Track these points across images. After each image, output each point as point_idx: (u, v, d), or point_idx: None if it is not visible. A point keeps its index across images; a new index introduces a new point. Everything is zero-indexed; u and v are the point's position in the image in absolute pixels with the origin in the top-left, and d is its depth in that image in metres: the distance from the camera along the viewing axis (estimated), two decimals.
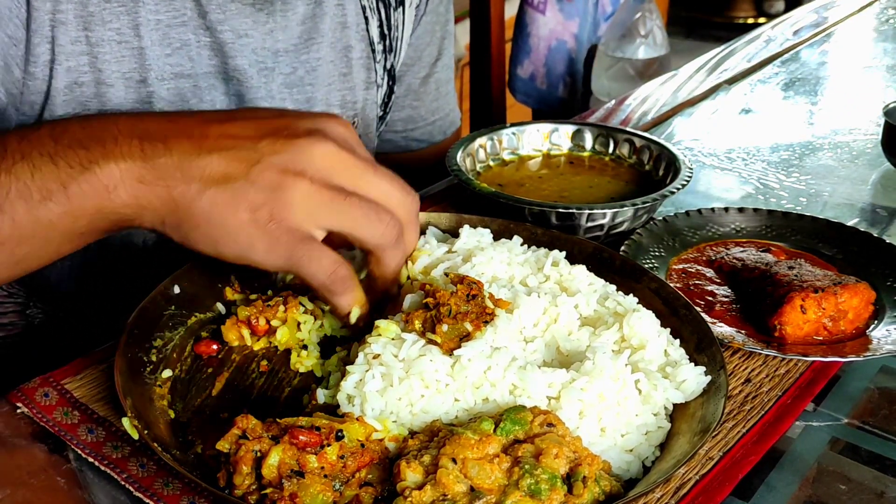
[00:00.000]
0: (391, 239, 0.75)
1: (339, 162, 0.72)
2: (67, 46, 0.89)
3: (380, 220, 0.74)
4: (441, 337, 0.72)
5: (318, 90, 1.11)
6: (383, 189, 0.75)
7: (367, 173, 0.74)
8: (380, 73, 1.21)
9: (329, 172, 0.72)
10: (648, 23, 2.37)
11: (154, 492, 0.65)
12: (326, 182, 0.71)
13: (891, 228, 1.13)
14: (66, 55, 0.90)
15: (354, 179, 0.73)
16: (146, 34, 0.93)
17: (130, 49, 0.93)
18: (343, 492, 0.63)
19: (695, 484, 0.67)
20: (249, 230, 0.70)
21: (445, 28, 1.34)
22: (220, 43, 0.99)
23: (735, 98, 1.63)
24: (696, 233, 1.03)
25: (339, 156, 0.72)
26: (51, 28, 0.88)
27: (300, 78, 1.08)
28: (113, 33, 0.91)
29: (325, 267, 0.73)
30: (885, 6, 2.24)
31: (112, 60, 0.92)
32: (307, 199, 0.70)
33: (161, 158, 0.70)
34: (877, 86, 1.72)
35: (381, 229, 0.74)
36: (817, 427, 0.76)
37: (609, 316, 0.79)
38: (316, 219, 0.71)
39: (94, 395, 0.75)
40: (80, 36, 0.90)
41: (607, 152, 1.18)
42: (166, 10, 0.94)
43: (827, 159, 1.35)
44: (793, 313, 0.84)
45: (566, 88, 2.66)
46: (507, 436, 0.64)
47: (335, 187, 0.72)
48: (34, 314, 1.06)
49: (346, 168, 0.73)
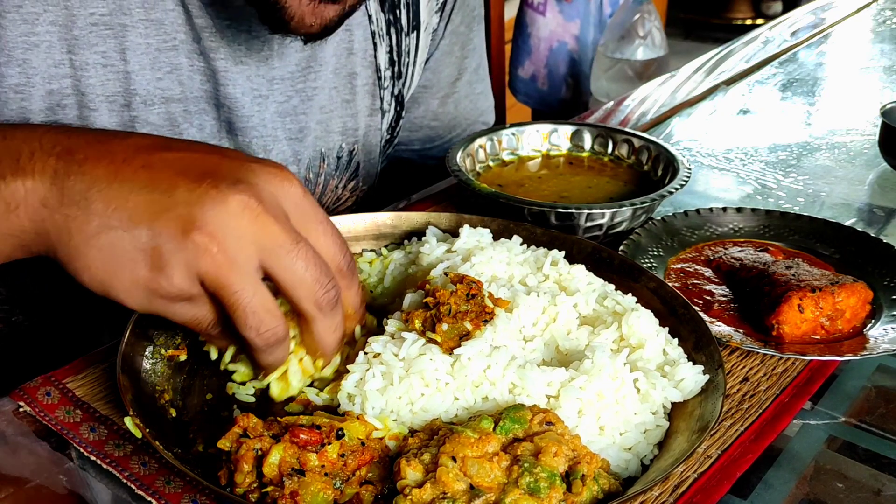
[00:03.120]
0: (281, 335, 0.68)
1: (255, 229, 0.64)
2: (47, 70, 0.87)
3: (261, 321, 0.66)
4: (441, 336, 0.72)
5: (310, 119, 1.09)
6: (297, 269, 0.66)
7: (285, 244, 0.65)
8: (387, 98, 1.19)
9: (241, 241, 0.64)
10: (647, 24, 2.37)
11: (156, 490, 0.66)
12: (235, 248, 0.64)
13: (888, 228, 1.13)
14: (47, 78, 0.87)
15: (274, 247, 0.65)
16: (133, 58, 0.91)
17: (116, 73, 0.91)
18: (344, 490, 0.63)
19: (693, 482, 0.68)
20: (141, 287, 0.64)
21: (466, 47, 1.31)
22: (214, 69, 0.97)
23: (733, 99, 1.63)
24: (694, 232, 1.03)
25: (256, 221, 0.64)
26: (23, 51, 0.85)
27: (293, 107, 1.06)
28: (98, 56, 0.90)
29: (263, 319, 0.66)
30: (882, 7, 2.24)
31: (97, 84, 0.90)
32: (207, 263, 0.63)
33: (71, 180, 0.65)
34: (874, 86, 1.73)
35: (272, 324, 0.67)
36: (815, 425, 0.76)
37: (608, 315, 0.79)
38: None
39: (96, 393, 0.75)
40: (64, 59, 0.88)
41: (606, 153, 1.19)
42: (156, 34, 0.92)
43: (824, 160, 1.36)
44: (790, 312, 0.84)
45: (568, 89, 2.67)
46: (507, 434, 0.65)
47: (243, 260, 0.64)
48: (19, 321, 1.05)
49: (260, 235, 0.64)
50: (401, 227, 0.98)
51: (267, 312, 0.66)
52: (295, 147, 1.09)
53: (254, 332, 0.66)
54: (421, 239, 0.93)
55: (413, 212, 0.99)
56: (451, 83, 1.33)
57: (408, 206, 1.17)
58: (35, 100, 0.88)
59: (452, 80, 1.33)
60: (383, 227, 0.98)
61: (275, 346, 0.68)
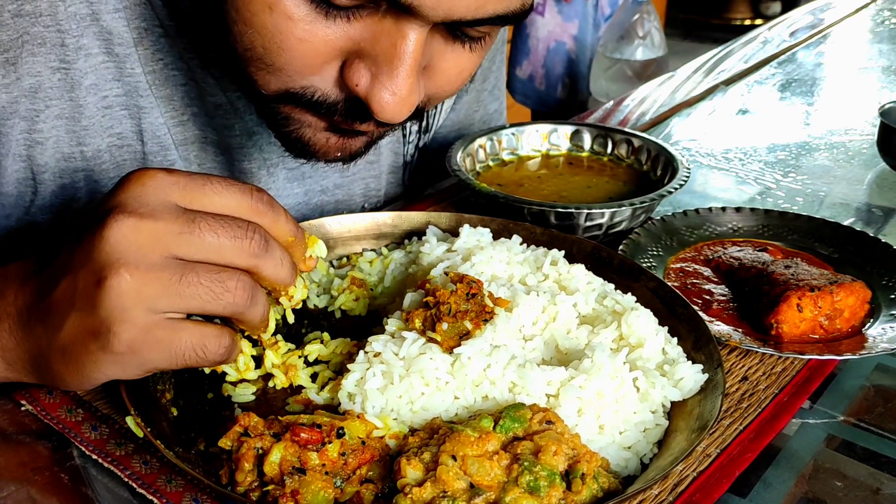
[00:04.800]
0: (244, 302, 0.65)
1: (144, 236, 0.61)
2: (57, 164, 0.86)
3: (225, 288, 0.63)
4: (441, 335, 0.72)
5: (327, 182, 1.07)
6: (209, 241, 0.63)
7: (181, 230, 0.62)
8: (410, 151, 1.18)
9: (142, 251, 0.61)
10: (646, 24, 2.38)
11: (157, 488, 0.66)
12: (148, 263, 0.61)
13: (886, 228, 1.13)
14: (58, 173, 0.87)
15: (174, 238, 0.62)
16: (149, 140, 0.91)
17: (132, 153, 0.90)
18: (344, 489, 0.63)
19: (692, 481, 0.68)
20: (107, 361, 0.63)
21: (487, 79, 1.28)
22: (229, 145, 0.97)
23: (732, 99, 1.63)
24: (693, 232, 1.04)
25: (141, 230, 0.61)
26: (26, 147, 0.85)
27: (303, 172, 1.05)
28: (114, 139, 0.89)
29: (209, 347, 0.65)
30: (880, 8, 2.25)
31: (111, 168, 0.90)
32: (136, 293, 0.60)
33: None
34: (872, 87, 1.73)
35: (229, 299, 0.64)
36: (813, 424, 0.76)
37: (607, 314, 0.80)
38: (156, 307, 0.61)
39: (98, 393, 0.75)
40: (75, 152, 0.87)
41: (605, 153, 1.19)
42: (167, 111, 0.91)
43: (823, 159, 1.36)
44: (789, 312, 0.84)
45: (565, 89, 2.67)
46: (507, 433, 0.65)
47: (160, 265, 0.61)
48: None
49: (153, 238, 0.61)
50: (401, 227, 0.99)
51: (217, 277, 0.63)
52: (302, 211, 1.08)
53: (222, 303, 0.64)
54: (421, 238, 0.94)
55: (413, 211, 0.99)
56: (470, 115, 1.30)
57: (408, 206, 1.17)
58: (47, 195, 0.87)
59: (471, 112, 1.30)
60: (383, 227, 0.98)
61: (247, 300, 0.65)
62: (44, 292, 0.64)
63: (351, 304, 0.89)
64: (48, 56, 0.82)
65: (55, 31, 0.82)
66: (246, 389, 0.77)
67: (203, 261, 0.64)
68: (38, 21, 0.81)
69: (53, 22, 0.81)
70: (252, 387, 0.77)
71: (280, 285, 0.70)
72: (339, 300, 0.89)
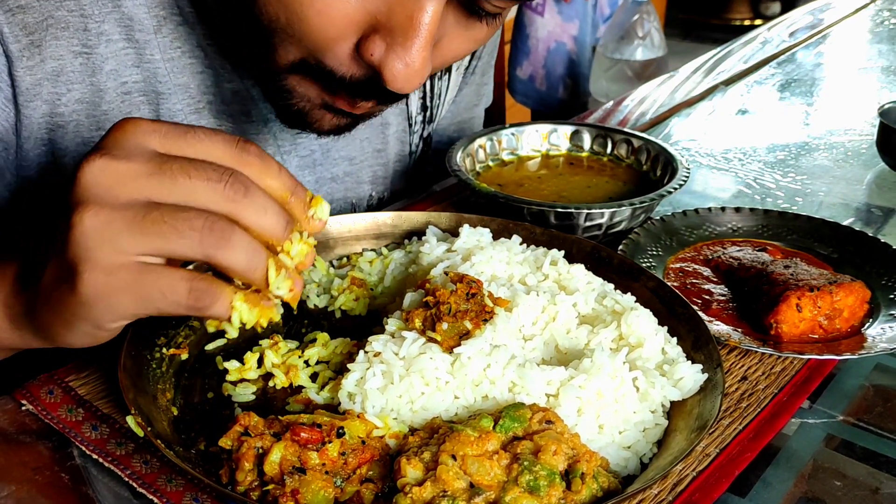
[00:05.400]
0: (213, 241, 0.59)
1: (116, 174, 0.59)
2: (76, 149, 0.86)
3: (191, 227, 0.59)
4: (441, 335, 0.73)
5: (338, 169, 1.08)
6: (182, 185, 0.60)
7: (153, 172, 0.60)
8: (415, 141, 1.19)
9: (111, 192, 0.59)
10: (646, 24, 2.38)
11: (157, 488, 0.66)
12: (115, 202, 0.59)
13: (886, 228, 1.14)
14: (78, 158, 0.84)
15: (145, 179, 0.59)
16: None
17: None
18: (344, 488, 0.63)
19: (692, 480, 0.68)
20: (80, 302, 0.60)
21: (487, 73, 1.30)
22: (244, 132, 0.98)
23: (732, 99, 1.64)
24: (693, 232, 1.04)
25: (111, 167, 0.59)
26: (48, 131, 0.85)
27: (314, 160, 1.06)
28: None
29: (178, 291, 0.60)
30: (880, 8, 2.25)
31: None
32: (101, 232, 0.58)
33: None
34: (872, 87, 1.73)
35: (195, 238, 0.59)
36: (813, 424, 0.77)
37: (607, 314, 0.80)
38: (124, 249, 0.59)
39: (98, 392, 0.76)
40: (94, 136, 0.87)
41: (605, 153, 1.19)
42: (183, 99, 0.92)
43: (822, 159, 1.36)
44: (789, 312, 0.84)
45: (566, 90, 2.67)
46: (507, 433, 0.65)
47: (129, 204, 0.59)
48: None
49: (127, 177, 0.59)
50: (401, 227, 0.99)
51: (184, 215, 0.59)
52: None
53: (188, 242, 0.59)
54: (421, 238, 0.94)
55: (413, 211, 0.99)
56: (470, 108, 1.32)
57: (408, 206, 1.17)
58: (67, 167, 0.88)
59: (471, 107, 1.32)
60: (383, 227, 0.99)
61: (218, 240, 0.60)
62: (38, 244, 0.65)
63: (351, 304, 0.90)
64: (71, 40, 0.83)
65: (78, 16, 0.83)
66: (246, 389, 0.77)
67: (181, 205, 0.60)
68: (63, 5, 0.82)
69: (77, 6, 0.82)
70: (252, 386, 0.77)
71: (269, 237, 0.63)
72: (339, 300, 0.89)
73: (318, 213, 0.68)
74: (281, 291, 0.64)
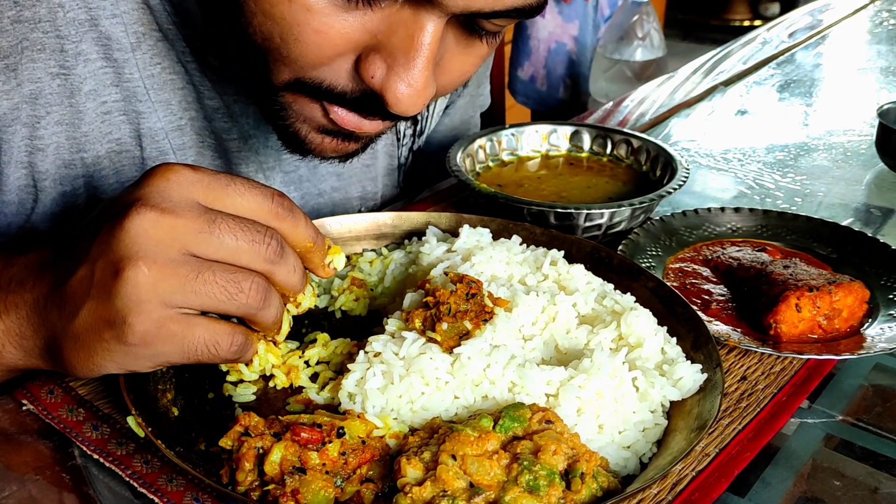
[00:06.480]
0: (257, 303, 0.66)
1: (165, 231, 0.62)
2: (57, 171, 0.86)
3: (240, 289, 0.64)
4: (441, 335, 0.73)
5: (324, 185, 1.07)
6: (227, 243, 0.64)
7: (200, 229, 0.63)
8: (404, 154, 1.18)
9: (161, 246, 0.62)
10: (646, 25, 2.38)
11: (158, 488, 0.66)
12: (166, 259, 0.62)
13: (885, 228, 1.14)
14: (58, 180, 0.86)
15: (194, 236, 0.63)
16: (148, 145, 0.91)
17: (131, 158, 0.90)
18: (344, 488, 0.64)
19: (691, 480, 0.68)
20: (119, 352, 0.63)
21: (482, 84, 1.30)
22: (226, 149, 0.97)
23: (731, 99, 1.64)
24: (692, 232, 1.04)
25: (162, 224, 0.62)
26: (27, 154, 0.84)
27: (300, 176, 1.06)
28: (113, 144, 0.89)
29: (222, 344, 0.65)
30: (879, 9, 2.25)
31: (111, 174, 0.90)
32: (154, 287, 0.61)
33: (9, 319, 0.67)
34: (871, 87, 1.74)
35: (243, 299, 0.65)
36: (812, 424, 0.77)
37: (607, 314, 0.80)
38: (171, 302, 0.62)
39: (99, 392, 0.76)
40: (75, 159, 0.87)
41: (605, 153, 1.19)
42: (165, 116, 0.91)
43: (822, 160, 1.36)
44: (788, 312, 0.85)
45: (567, 90, 2.68)
46: (506, 433, 0.65)
47: (178, 261, 0.62)
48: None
49: (173, 234, 0.62)
50: (401, 227, 0.99)
51: (233, 277, 0.64)
52: None
53: (236, 303, 0.65)
54: (421, 239, 0.94)
55: (413, 212, 0.99)
56: (466, 121, 1.30)
57: (408, 207, 1.17)
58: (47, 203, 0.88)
59: (468, 118, 1.31)
60: (384, 227, 0.99)
61: (260, 301, 0.66)
62: (61, 279, 0.65)
63: (351, 304, 0.90)
64: (48, 62, 0.82)
65: (54, 37, 0.82)
66: (246, 389, 0.77)
67: (220, 261, 0.64)
68: (38, 27, 0.80)
69: (53, 28, 0.81)
70: (252, 387, 0.77)
71: (290, 291, 0.71)
72: (339, 300, 0.89)
73: (334, 262, 0.75)
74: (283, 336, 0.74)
